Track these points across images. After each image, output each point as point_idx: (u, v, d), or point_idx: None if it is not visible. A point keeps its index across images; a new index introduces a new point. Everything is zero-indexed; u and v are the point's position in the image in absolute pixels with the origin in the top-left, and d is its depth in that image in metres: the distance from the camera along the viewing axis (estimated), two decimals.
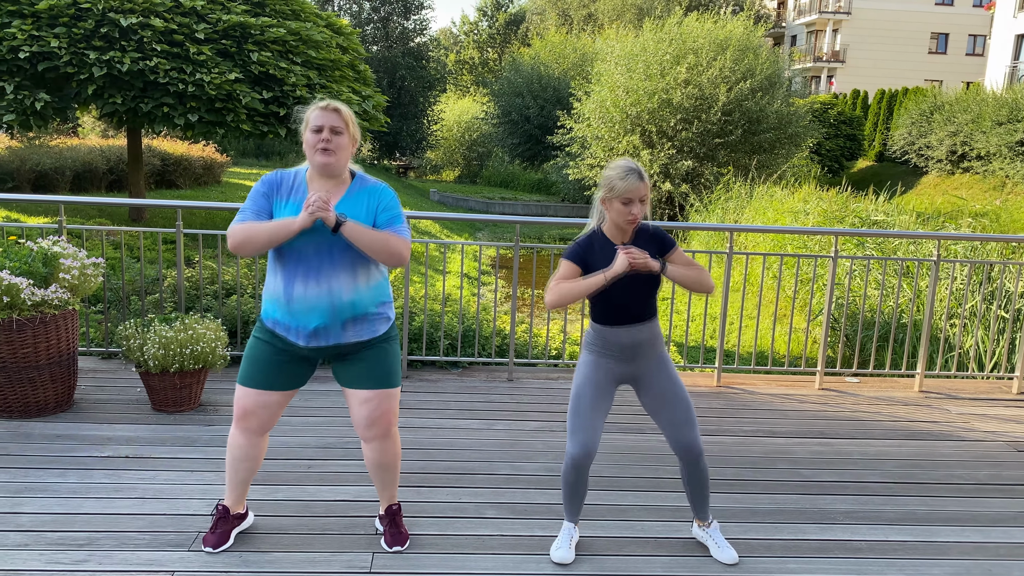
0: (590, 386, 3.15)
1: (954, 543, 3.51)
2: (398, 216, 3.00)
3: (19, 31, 10.25)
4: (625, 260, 2.94)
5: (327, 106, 2.91)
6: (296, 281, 2.92)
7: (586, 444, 3.12)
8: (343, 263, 2.93)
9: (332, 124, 2.90)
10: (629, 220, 3.01)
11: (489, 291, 12.89)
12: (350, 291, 2.95)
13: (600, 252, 3.09)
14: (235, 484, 3.20)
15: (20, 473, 3.74)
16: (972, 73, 43.63)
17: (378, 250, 2.87)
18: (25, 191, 14.83)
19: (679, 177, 23.87)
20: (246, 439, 3.11)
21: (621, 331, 3.12)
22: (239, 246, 2.85)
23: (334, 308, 2.93)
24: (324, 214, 2.78)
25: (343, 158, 2.94)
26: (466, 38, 59.22)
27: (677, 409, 3.18)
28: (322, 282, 2.91)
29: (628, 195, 2.98)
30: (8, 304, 4.23)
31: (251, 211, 2.92)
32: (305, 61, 12.26)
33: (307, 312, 2.92)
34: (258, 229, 2.84)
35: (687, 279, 3.09)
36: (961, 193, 23.85)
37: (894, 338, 8.23)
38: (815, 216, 14.50)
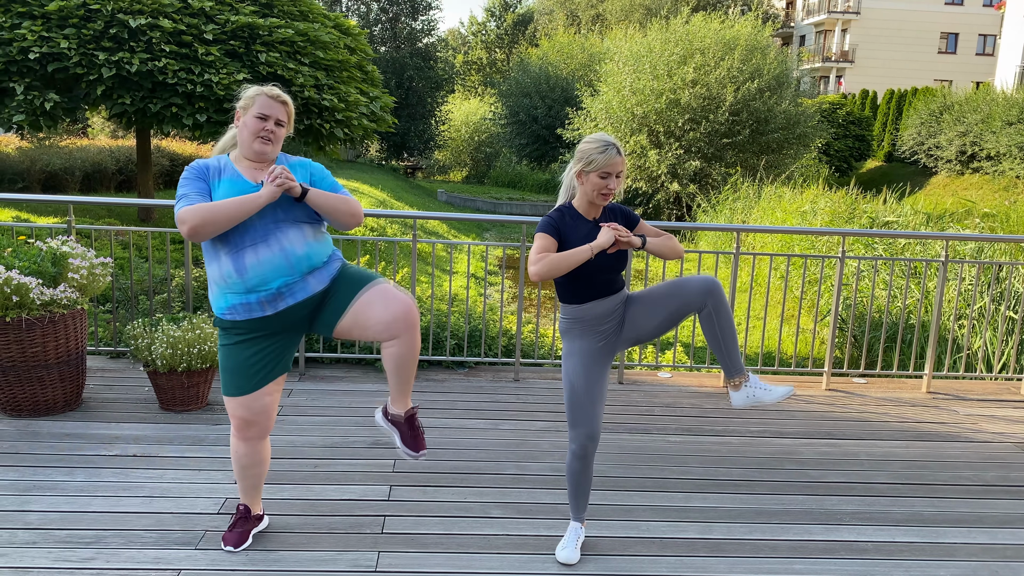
0: (582, 376, 3.13)
1: (961, 544, 3.50)
2: (336, 183, 3.08)
3: (29, 32, 10.30)
4: (611, 234, 2.97)
5: (276, 96, 2.94)
6: (245, 252, 2.85)
7: (589, 431, 3.12)
8: (288, 226, 2.91)
9: (278, 116, 2.95)
10: (604, 194, 3.02)
11: (496, 291, 12.89)
12: (302, 245, 2.91)
13: (572, 225, 3.10)
14: (247, 489, 3.21)
15: (29, 471, 3.76)
16: (982, 73, 43.43)
17: (342, 211, 2.94)
18: (35, 191, 14.91)
19: (687, 177, 23.83)
20: (249, 447, 3.10)
21: (599, 303, 3.13)
22: (199, 227, 2.76)
23: (290, 264, 2.87)
24: (290, 183, 2.83)
25: (277, 149, 2.99)
26: (474, 39, 59.24)
27: (664, 296, 3.12)
28: (272, 244, 2.87)
29: (607, 168, 2.99)
30: (17, 304, 4.25)
31: (196, 194, 2.85)
32: (313, 62, 12.29)
33: (265, 276, 2.85)
34: (218, 208, 2.77)
35: (664, 248, 3.15)
36: (971, 194, 23.74)
37: (902, 339, 8.20)
38: (824, 216, 14.46)
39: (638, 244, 3.04)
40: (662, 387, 5.58)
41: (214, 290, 2.96)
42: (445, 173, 45.47)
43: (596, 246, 2.97)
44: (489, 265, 16.72)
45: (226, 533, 3.21)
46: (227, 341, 2.98)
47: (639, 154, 24.56)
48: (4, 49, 10.35)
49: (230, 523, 3.26)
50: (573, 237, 3.08)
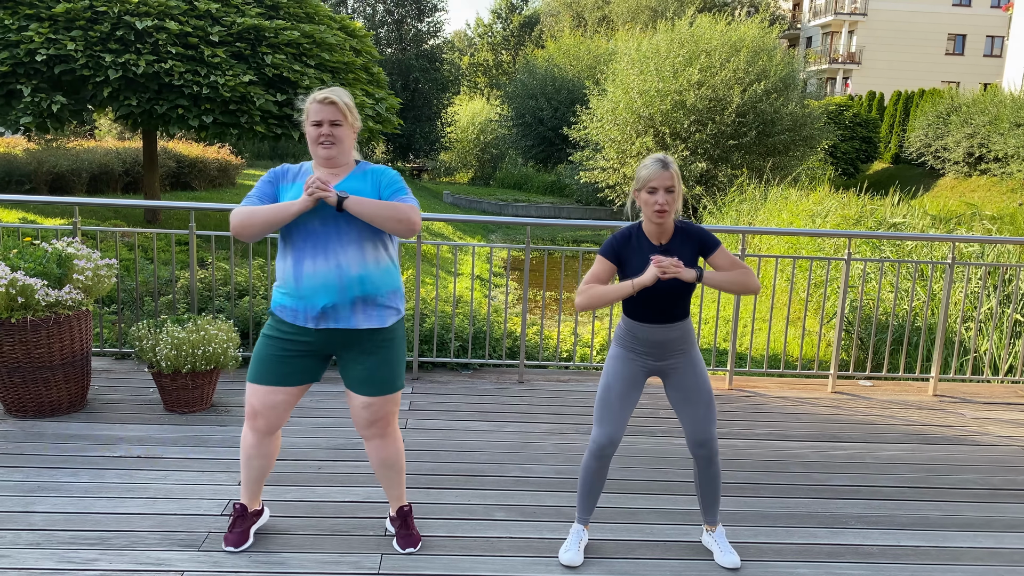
0: (619, 380, 3.15)
1: (967, 548, 3.48)
2: (403, 188, 3.00)
3: (36, 34, 10.34)
4: (654, 272, 2.90)
5: (324, 99, 2.92)
6: (305, 259, 2.91)
7: (612, 433, 3.12)
8: (351, 238, 2.92)
9: (331, 118, 2.92)
10: (656, 210, 2.96)
11: (501, 293, 12.89)
12: (358, 266, 2.93)
13: (636, 249, 3.06)
14: (248, 481, 3.21)
15: (33, 472, 3.77)
16: (990, 75, 43.28)
17: (386, 217, 2.86)
18: (42, 193, 14.96)
19: (693, 179, 23.79)
20: (255, 438, 3.12)
21: (652, 328, 3.09)
22: (239, 228, 2.87)
23: (342, 284, 2.91)
24: (324, 194, 2.81)
25: (345, 148, 2.96)
26: (480, 40, 59.29)
27: (699, 408, 3.16)
28: (330, 257, 2.90)
29: (652, 183, 2.95)
30: (23, 305, 4.26)
31: (255, 197, 2.96)
32: (319, 64, 12.31)
33: (316, 291, 2.91)
34: (257, 212, 2.86)
35: (728, 284, 3.02)
36: (979, 195, 23.66)
37: (908, 341, 8.17)
38: (832, 219, 14.41)
39: (691, 277, 2.94)
40: None
41: (276, 284, 3.05)
42: (451, 175, 45.50)
43: (639, 284, 2.95)
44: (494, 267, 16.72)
45: (226, 534, 3.21)
46: (267, 331, 3.05)
47: (645, 155, 24.53)
48: (11, 51, 10.39)
49: (229, 523, 3.27)
50: (635, 262, 3.05)
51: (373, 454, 3.17)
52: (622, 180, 25.50)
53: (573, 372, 5.89)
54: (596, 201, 28.98)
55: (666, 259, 2.90)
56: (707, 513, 3.33)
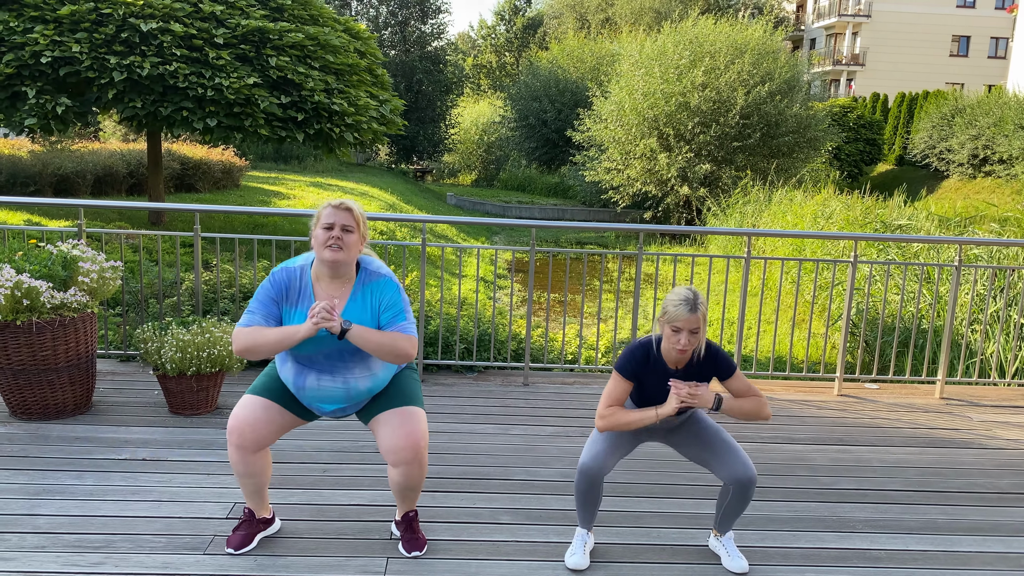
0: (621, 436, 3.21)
1: (975, 553, 3.46)
2: (401, 312, 2.99)
3: (41, 36, 10.36)
4: (675, 403, 2.97)
5: (339, 205, 2.94)
6: (309, 375, 2.99)
7: (599, 460, 3.13)
8: (355, 360, 3.00)
9: (343, 223, 2.91)
10: (677, 350, 2.98)
11: (505, 295, 12.88)
12: (367, 380, 3.02)
13: (653, 369, 3.08)
14: (247, 495, 3.20)
15: (38, 475, 3.76)
16: (994, 76, 43.21)
17: (386, 352, 2.90)
18: (47, 195, 14.99)
19: (697, 181, 23.77)
20: (236, 454, 3.05)
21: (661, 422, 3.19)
22: (244, 351, 2.90)
23: (349, 396, 3.02)
24: (328, 324, 2.81)
25: (352, 255, 2.94)
26: (483, 42, 59.33)
27: (715, 442, 3.17)
28: (337, 377, 2.99)
29: (676, 323, 2.95)
30: (28, 307, 4.26)
31: (260, 315, 2.95)
32: (323, 66, 12.31)
33: (321, 400, 3.02)
34: (264, 336, 2.88)
35: (743, 414, 3.07)
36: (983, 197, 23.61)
37: (915, 344, 8.14)
38: (837, 221, 14.39)
39: (709, 405, 2.99)
40: None
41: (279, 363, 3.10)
42: (454, 176, 45.51)
43: (662, 413, 3.00)
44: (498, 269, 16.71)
45: (230, 536, 3.21)
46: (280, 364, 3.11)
47: (649, 157, 24.52)
48: (16, 53, 10.41)
49: (235, 525, 3.27)
50: (650, 381, 3.09)
51: (399, 479, 3.08)
52: (626, 182, 25.48)
53: (578, 375, 5.88)
54: (600, 203, 28.96)
55: (683, 386, 2.97)
56: (722, 525, 3.32)
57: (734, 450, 3.16)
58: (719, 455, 3.15)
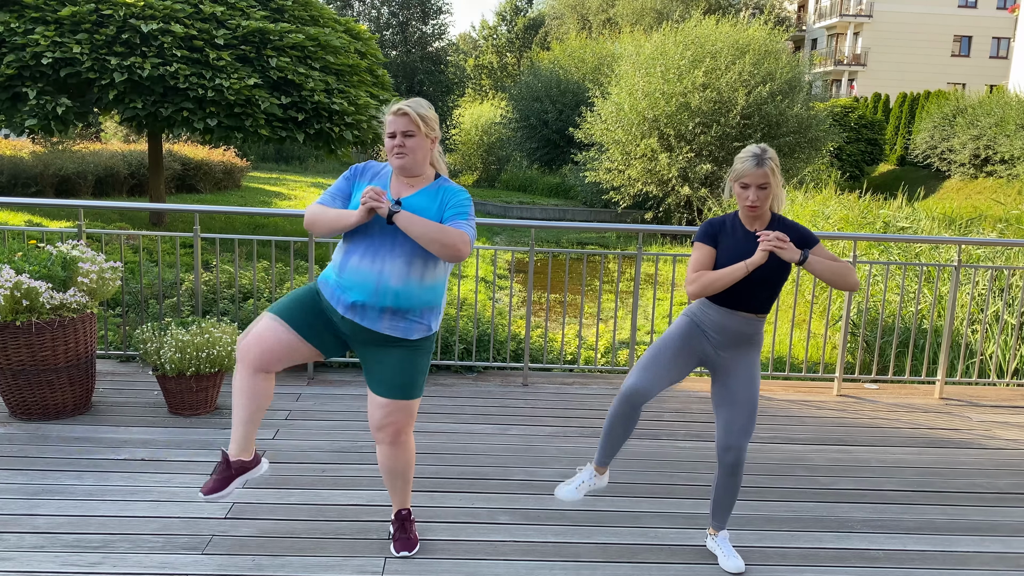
0: (678, 340, 3.12)
1: (974, 553, 3.46)
2: (463, 213, 2.98)
3: (42, 37, 10.38)
4: (763, 248, 2.87)
5: (397, 110, 2.96)
6: (355, 254, 2.97)
7: (650, 385, 3.06)
8: (403, 251, 2.93)
9: (403, 129, 2.94)
10: (747, 206, 2.95)
11: (505, 295, 12.89)
12: (400, 280, 2.93)
13: (731, 232, 3.03)
14: (235, 423, 3.05)
15: (37, 475, 3.77)
16: (996, 76, 43.17)
17: (432, 239, 2.84)
18: (48, 195, 15.01)
19: (698, 181, 23.77)
20: (242, 370, 2.98)
21: (730, 315, 3.06)
22: (308, 225, 3.01)
23: (377, 289, 2.92)
24: (376, 205, 2.83)
25: (419, 158, 2.98)
26: (485, 42, 59.36)
27: (740, 411, 3.11)
28: (376, 261, 2.93)
29: (744, 179, 2.92)
30: (27, 307, 4.27)
31: (329, 194, 3.06)
32: (323, 66, 12.33)
33: (352, 285, 2.94)
34: (323, 215, 2.97)
35: (831, 273, 2.97)
36: (984, 197, 23.59)
37: (914, 344, 8.14)
38: (835, 221, 14.38)
39: (796, 257, 2.90)
40: (672, 392, 5.55)
41: (333, 258, 3.10)
42: (456, 177, 45.50)
43: (752, 263, 2.91)
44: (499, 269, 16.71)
45: (205, 481, 3.17)
46: (315, 287, 3.09)
47: (650, 157, 24.52)
48: (17, 54, 10.43)
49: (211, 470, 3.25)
50: (728, 243, 3.02)
51: (382, 459, 3.15)
52: (627, 182, 25.48)
53: (578, 375, 5.88)
54: (601, 203, 28.95)
55: (772, 233, 2.87)
56: (715, 518, 3.31)
57: (745, 431, 3.10)
58: (731, 422, 3.09)
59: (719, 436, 3.15)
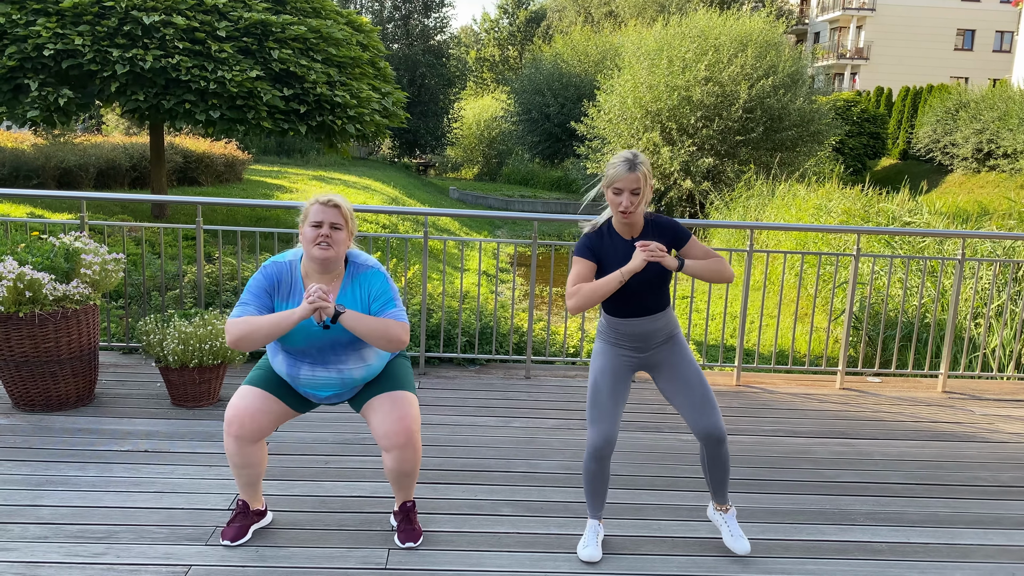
0: (606, 376, 3.13)
1: (977, 546, 3.46)
2: (391, 300, 3.01)
3: (44, 29, 10.36)
4: (641, 256, 2.89)
5: (328, 201, 2.93)
6: (303, 365, 3.01)
7: (606, 433, 3.09)
8: (349, 351, 3.01)
9: (332, 220, 2.90)
10: (620, 211, 2.96)
11: (507, 289, 12.88)
12: (361, 369, 3.04)
13: (611, 245, 3.04)
14: (242, 486, 3.20)
15: (41, 466, 3.78)
16: (999, 70, 43.04)
17: (377, 337, 2.89)
18: (50, 188, 15.00)
19: (700, 175, 23.73)
20: (233, 444, 3.05)
21: (634, 322, 3.09)
22: (238, 341, 2.88)
23: (344, 383, 3.04)
24: (324, 305, 2.80)
25: (341, 251, 2.95)
26: (487, 35, 59.23)
27: (694, 391, 3.12)
28: (330, 367, 3.01)
29: (617, 184, 2.93)
30: (30, 299, 4.27)
31: (253, 306, 2.95)
32: (326, 59, 12.30)
33: (317, 388, 3.04)
34: (258, 323, 2.87)
35: (706, 272, 3.03)
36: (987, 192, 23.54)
37: (917, 338, 8.14)
38: (837, 215, 14.36)
39: (673, 265, 2.95)
40: None
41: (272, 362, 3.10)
42: (457, 170, 45.48)
43: (626, 271, 2.92)
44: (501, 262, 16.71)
45: (225, 528, 3.21)
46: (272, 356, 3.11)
47: (652, 151, 24.48)
48: (19, 46, 10.41)
49: (230, 517, 3.27)
50: (611, 258, 3.03)
51: (392, 465, 3.09)
52: None
53: (580, 368, 5.88)
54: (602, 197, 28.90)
55: (650, 244, 2.90)
56: (717, 493, 3.29)
57: (709, 403, 3.11)
58: (694, 403, 3.11)
59: (692, 422, 3.13)
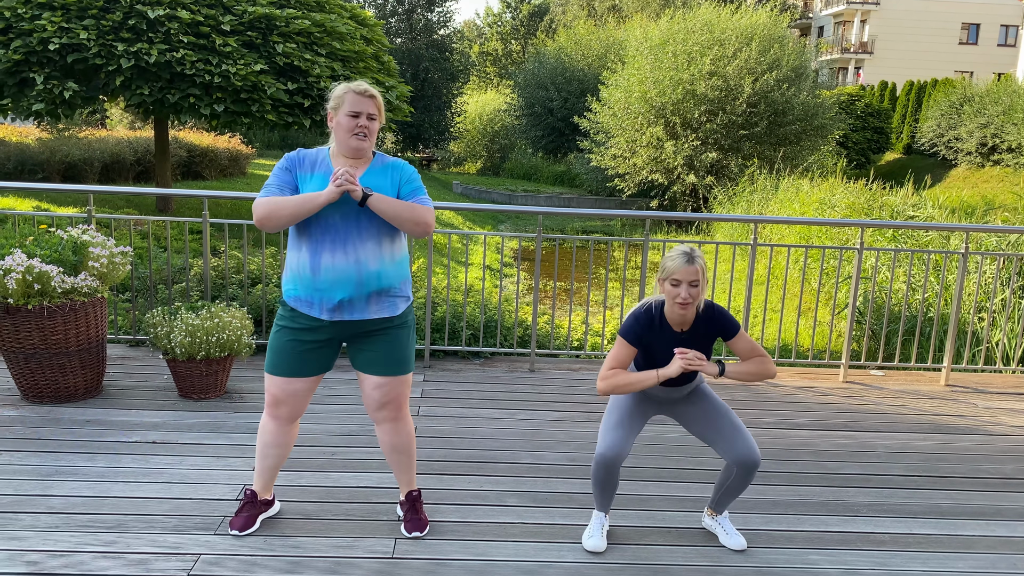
0: (632, 406, 3.21)
1: (979, 537, 3.48)
2: (420, 187, 3.05)
3: (49, 23, 10.38)
4: (680, 365, 2.96)
5: (364, 91, 2.94)
6: (323, 252, 2.92)
7: (617, 446, 3.12)
8: (370, 233, 2.95)
9: (369, 111, 2.94)
10: (678, 303, 2.99)
11: (511, 282, 12.91)
12: (376, 262, 2.96)
13: (659, 335, 3.09)
14: (263, 470, 3.24)
15: (51, 457, 3.81)
16: (1004, 64, 42.91)
17: (406, 219, 2.90)
18: (55, 181, 15.04)
19: (703, 169, 23.73)
20: (277, 426, 3.15)
21: (664, 390, 3.21)
22: (264, 219, 2.86)
23: (361, 279, 2.94)
24: (351, 187, 2.81)
25: (374, 141, 3.01)
26: (490, 30, 59.13)
27: (722, 422, 3.18)
28: (349, 252, 2.93)
29: (676, 276, 2.96)
30: (39, 292, 4.30)
31: (275, 186, 2.94)
32: (329, 52, 12.31)
33: (333, 284, 2.93)
34: (283, 203, 2.85)
35: (749, 376, 3.09)
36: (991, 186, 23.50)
37: (920, 331, 8.14)
38: (841, 209, 14.36)
39: (714, 372, 3.00)
40: None
41: (288, 274, 3.04)
42: (460, 165, 45.47)
43: (663, 375, 2.99)
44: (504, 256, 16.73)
45: (233, 517, 3.25)
46: (281, 322, 3.06)
47: (655, 146, 24.46)
48: (24, 40, 10.43)
49: (238, 508, 3.30)
50: (657, 347, 3.09)
51: (384, 438, 3.20)
52: (632, 170, 25.43)
53: (584, 361, 5.90)
54: (606, 191, 28.92)
55: (691, 352, 2.96)
56: (720, 504, 3.35)
57: (740, 432, 3.16)
58: (725, 435, 3.16)
59: (726, 452, 3.16)
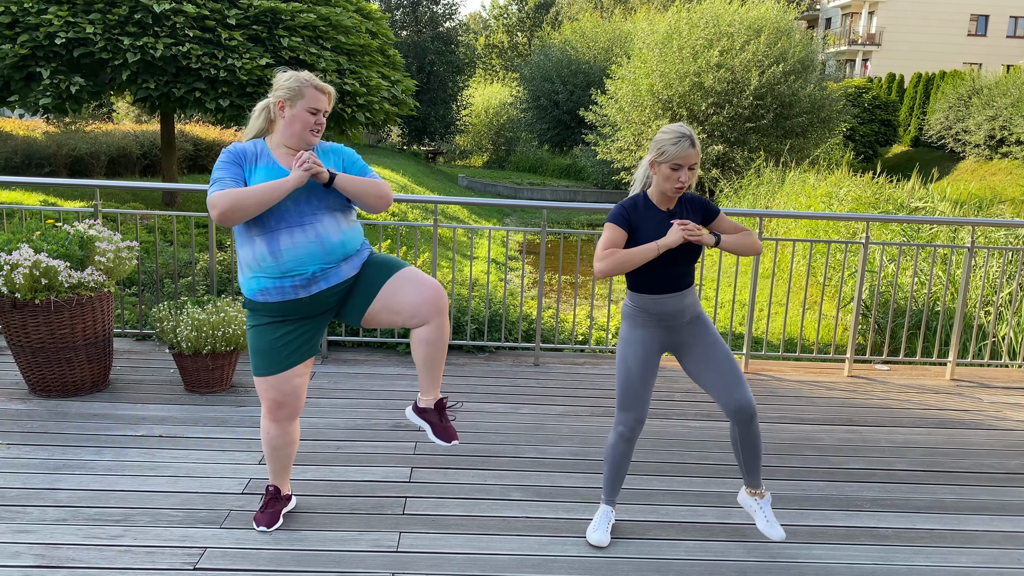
0: (637, 360, 3.13)
1: (983, 532, 3.49)
2: (366, 165, 3.13)
3: (55, 17, 10.40)
4: (680, 233, 2.92)
5: (323, 89, 2.98)
6: (281, 236, 2.90)
7: (639, 416, 3.14)
8: (323, 210, 2.97)
9: (326, 108, 3.00)
10: (676, 187, 2.97)
11: (516, 276, 12.91)
12: (337, 233, 2.98)
13: (645, 216, 3.05)
14: (277, 471, 3.25)
15: (58, 451, 3.84)
16: (1013, 56, 42.62)
17: (371, 194, 2.98)
18: (62, 176, 15.09)
19: (709, 162, 23.66)
20: (279, 428, 3.14)
21: (664, 299, 3.09)
22: (228, 212, 2.79)
23: (326, 251, 2.94)
24: (318, 169, 2.86)
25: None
26: (495, 22, 59.00)
27: (723, 368, 3.12)
28: (308, 230, 2.92)
29: (678, 161, 2.93)
30: (46, 286, 4.33)
31: (229, 179, 2.89)
32: (335, 46, 12.31)
33: (300, 261, 2.90)
34: (247, 193, 2.81)
35: (740, 246, 3.09)
36: (999, 179, 23.38)
37: (926, 326, 8.13)
38: (848, 202, 14.32)
39: (711, 243, 3.00)
40: (682, 372, 5.57)
41: (246, 273, 2.99)
42: (466, 158, 45.43)
43: (663, 244, 2.95)
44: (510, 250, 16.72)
45: (258, 514, 3.26)
46: (256, 322, 3.03)
47: None
48: (31, 34, 10.46)
49: (261, 504, 3.30)
50: (644, 228, 3.04)
51: (433, 336, 3.01)
52: (638, 163, 25.34)
53: (588, 355, 5.91)
54: (612, 184, 28.87)
55: (690, 222, 2.94)
56: (750, 475, 3.23)
57: (738, 379, 3.10)
58: (724, 379, 3.09)
59: (722, 400, 3.12)
